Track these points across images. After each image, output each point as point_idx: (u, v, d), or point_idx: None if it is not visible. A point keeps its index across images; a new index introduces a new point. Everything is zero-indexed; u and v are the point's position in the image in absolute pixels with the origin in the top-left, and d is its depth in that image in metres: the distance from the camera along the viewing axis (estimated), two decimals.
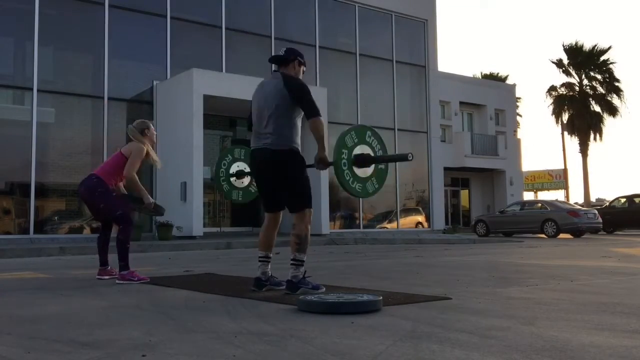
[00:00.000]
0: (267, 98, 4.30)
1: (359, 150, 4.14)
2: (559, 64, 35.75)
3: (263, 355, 2.34)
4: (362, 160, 4.12)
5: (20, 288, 4.88)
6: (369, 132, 4.31)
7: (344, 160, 4.03)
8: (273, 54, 17.33)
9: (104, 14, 14.81)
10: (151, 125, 5.62)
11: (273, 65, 4.54)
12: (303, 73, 4.52)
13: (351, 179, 4.07)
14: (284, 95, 4.22)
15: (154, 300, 4.04)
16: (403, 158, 4.14)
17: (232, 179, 5.41)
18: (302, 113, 4.30)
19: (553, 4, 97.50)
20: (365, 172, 4.16)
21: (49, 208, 14.34)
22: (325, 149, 4.20)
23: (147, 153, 5.44)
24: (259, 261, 4.45)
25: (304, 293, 3.98)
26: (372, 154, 4.24)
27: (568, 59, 35.52)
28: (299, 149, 4.30)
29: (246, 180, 5.43)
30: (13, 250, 9.96)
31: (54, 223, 14.27)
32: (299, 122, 4.35)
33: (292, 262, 4.20)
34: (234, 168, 5.40)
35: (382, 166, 4.32)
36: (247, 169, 5.37)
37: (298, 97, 4.23)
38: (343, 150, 4.08)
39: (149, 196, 5.52)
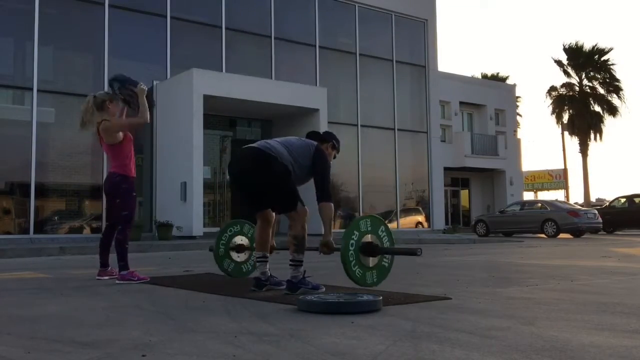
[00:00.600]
0: (292, 143, 4.32)
1: (369, 238, 4.17)
2: (559, 63, 35.76)
3: (263, 355, 2.34)
4: (370, 249, 4.15)
5: (20, 288, 4.87)
6: (382, 227, 4.31)
7: (352, 241, 4.05)
8: (273, 54, 17.51)
9: (104, 14, 14.80)
10: (112, 96, 5.57)
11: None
12: (334, 158, 4.61)
13: (354, 261, 4.09)
14: (308, 157, 4.27)
15: (154, 300, 4.04)
16: (412, 253, 4.15)
17: (231, 252, 5.38)
18: (305, 182, 4.36)
19: (553, 4, 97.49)
20: (368, 261, 4.19)
21: (49, 208, 14.34)
22: (331, 234, 4.23)
23: (121, 118, 5.42)
24: (257, 261, 4.47)
25: (304, 293, 3.99)
26: (378, 244, 4.25)
27: (568, 59, 35.52)
28: (289, 168, 4.23)
29: (242, 257, 5.41)
30: (13, 250, 9.96)
31: (54, 223, 14.26)
32: (296, 178, 4.28)
33: (290, 262, 4.21)
34: (237, 240, 5.39)
35: (385, 263, 4.32)
36: (248, 244, 5.35)
37: (317, 172, 4.27)
38: (355, 232, 4.10)
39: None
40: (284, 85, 16.06)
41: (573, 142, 40.46)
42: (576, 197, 46.11)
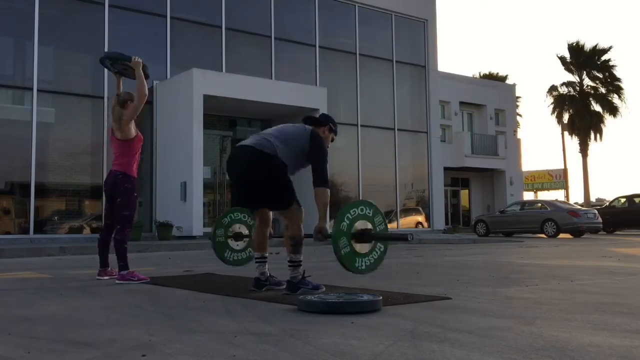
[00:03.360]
0: (286, 132, 4.27)
1: (362, 225, 4.05)
2: (563, 60, 35.72)
3: (263, 355, 2.34)
4: (362, 235, 4.07)
5: (20, 288, 4.87)
6: (376, 213, 4.22)
7: (343, 224, 3.93)
8: (273, 54, 17.51)
9: (104, 14, 14.80)
10: (134, 95, 5.58)
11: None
12: (332, 141, 4.55)
13: (346, 246, 3.93)
14: (304, 143, 4.21)
15: (154, 300, 4.04)
16: (403, 238, 4.09)
17: (232, 244, 5.37)
18: (302, 168, 4.31)
19: (553, 4, 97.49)
20: (362, 248, 4.10)
21: (49, 208, 14.34)
22: (326, 220, 4.15)
23: (133, 107, 5.42)
24: (256, 262, 4.46)
25: (304, 293, 3.98)
26: (371, 230, 4.17)
27: (570, 57, 35.52)
28: (285, 163, 4.20)
29: (241, 245, 5.40)
30: (13, 250, 9.96)
31: (54, 223, 14.26)
32: (294, 167, 4.28)
33: (289, 263, 4.20)
34: (235, 228, 5.38)
35: (378, 250, 4.21)
36: (246, 232, 5.35)
37: (314, 157, 4.20)
38: (347, 217, 4.01)
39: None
40: (284, 85, 16.06)
41: (573, 142, 40.53)
42: (576, 197, 46.18)
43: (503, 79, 39.60)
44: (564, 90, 35.94)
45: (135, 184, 5.45)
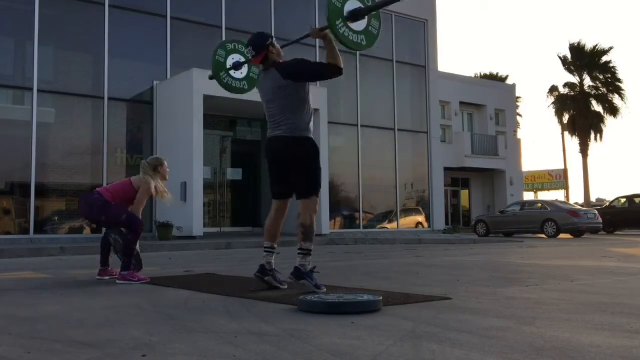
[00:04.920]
0: (273, 91, 4.38)
1: (350, 5, 4.07)
2: (564, 60, 35.70)
3: (263, 355, 2.34)
4: (355, 13, 4.08)
5: (20, 288, 4.87)
6: None
7: (334, 5, 3.94)
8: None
9: (104, 14, 14.80)
10: (164, 162, 5.63)
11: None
12: (282, 48, 4.57)
13: (341, 24, 3.98)
14: (287, 84, 4.28)
15: (154, 300, 4.04)
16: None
17: (231, 72, 5.41)
18: (309, 89, 4.38)
19: (553, 4, 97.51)
20: (359, 25, 4.12)
21: (49, 208, 14.34)
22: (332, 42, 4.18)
23: (157, 189, 5.47)
24: (264, 251, 4.46)
25: (304, 286, 4.09)
26: (362, 5, 4.15)
27: (571, 57, 35.51)
28: (312, 136, 4.38)
29: (244, 70, 5.43)
30: (13, 250, 9.96)
31: (54, 223, 14.27)
32: (308, 104, 4.39)
33: (299, 251, 4.27)
34: (229, 61, 5.40)
35: (373, 27, 4.25)
36: (242, 59, 5.36)
37: (300, 73, 4.29)
38: (336, 4, 4.00)
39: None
40: None
41: (573, 142, 40.51)
42: (576, 197, 46.19)
43: (503, 79, 39.59)
44: (564, 90, 35.95)
45: (108, 201, 5.33)
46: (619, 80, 34.99)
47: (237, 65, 5.39)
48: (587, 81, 35.69)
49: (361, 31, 4.08)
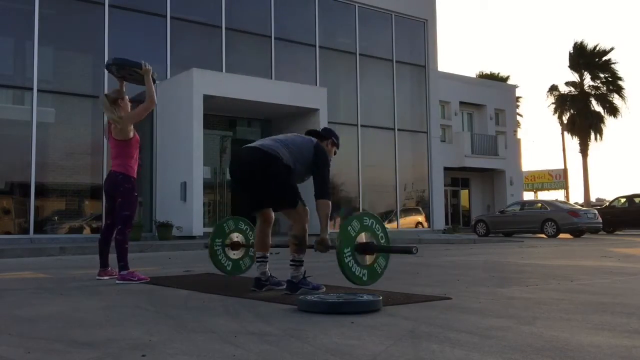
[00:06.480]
0: (293, 141, 4.31)
1: (365, 236, 4.10)
2: (571, 57, 35.64)
3: (263, 355, 2.34)
4: (366, 247, 4.09)
5: (20, 288, 4.87)
6: (379, 225, 4.22)
7: (348, 238, 3.94)
8: (273, 54, 17.50)
9: (104, 14, 14.80)
10: (124, 94, 5.62)
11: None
12: (334, 154, 4.60)
13: (350, 259, 3.97)
14: (309, 155, 4.26)
15: (154, 300, 4.04)
16: (408, 251, 4.12)
17: (227, 249, 5.40)
18: (305, 179, 4.36)
19: (554, 4, 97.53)
20: (364, 259, 4.14)
21: (49, 208, 14.34)
22: (327, 232, 4.17)
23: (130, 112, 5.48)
24: (257, 262, 4.47)
25: (304, 293, 3.98)
26: (374, 242, 4.19)
27: (574, 56, 35.47)
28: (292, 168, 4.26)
29: (238, 253, 5.42)
30: (13, 250, 9.96)
31: (54, 223, 14.26)
32: (297, 175, 4.30)
33: (291, 262, 4.21)
34: (233, 237, 5.39)
35: (381, 262, 4.23)
36: (244, 242, 5.37)
37: (317, 169, 4.25)
38: (351, 229, 4.02)
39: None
40: (283, 85, 16.06)
41: (573, 142, 40.50)
42: (576, 197, 46.16)
43: (504, 79, 39.58)
44: (564, 90, 35.94)
45: (135, 184, 5.46)
46: (619, 79, 34.98)
47: (235, 245, 5.42)
48: (588, 81, 35.70)
49: (366, 266, 4.11)
